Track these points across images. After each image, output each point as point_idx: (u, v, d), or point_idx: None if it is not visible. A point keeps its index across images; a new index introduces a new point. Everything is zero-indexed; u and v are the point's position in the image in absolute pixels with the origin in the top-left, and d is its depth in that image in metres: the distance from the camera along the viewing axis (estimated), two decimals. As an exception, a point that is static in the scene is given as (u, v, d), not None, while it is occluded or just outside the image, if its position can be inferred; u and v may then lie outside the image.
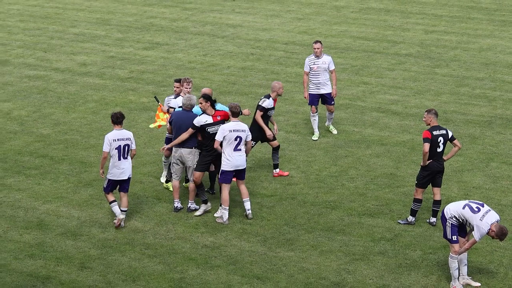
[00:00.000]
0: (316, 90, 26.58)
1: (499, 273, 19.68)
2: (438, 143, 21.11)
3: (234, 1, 45.74)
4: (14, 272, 19.76)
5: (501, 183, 24.47)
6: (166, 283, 19.32)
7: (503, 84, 32.40)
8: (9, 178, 24.82)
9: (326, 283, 19.32)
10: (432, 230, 21.28)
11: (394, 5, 44.94)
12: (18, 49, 37.40)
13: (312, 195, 23.79)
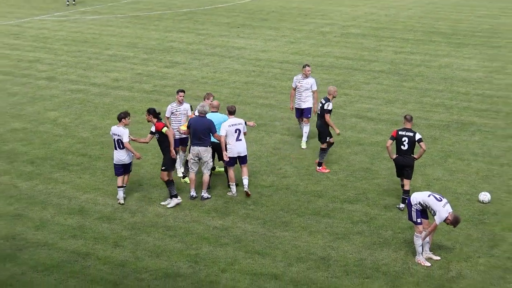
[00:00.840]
0: (298, 105, 26.57)
1: (455, 248, 19.75)
2: (403, 142, 21.39)
3: (239, 28, 45.73)
4: (60, 249, 19.86)
5: (457, 175, 24.51)
6: (184, 258, 19.40)
7: (458, 95, 32.43)
8: (55, 173, 24.86)
9: (314, 257, 19.43)
10: (401, 214, 21.33)
11: (369, 30, 44.94)
12: (62, 67, 37.40)
13: (302, 186, 23.83)
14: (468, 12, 50.27)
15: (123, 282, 18.33)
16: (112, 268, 18.96)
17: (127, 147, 22.09)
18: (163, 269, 18.92)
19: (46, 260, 19.29)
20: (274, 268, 18.92)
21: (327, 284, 18.25)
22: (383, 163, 25.48)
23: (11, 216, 21.80)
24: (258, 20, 48.08)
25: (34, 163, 25.72)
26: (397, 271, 18.79)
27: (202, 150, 22.47)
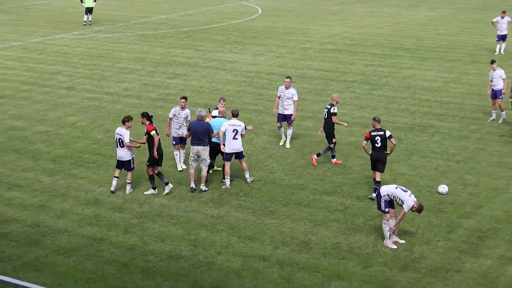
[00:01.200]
0: (281, 111, 26.48)
1: (418, 233, 19.79)
2: (376, 140, 21.69)
3: (232, 44, 45.71)
4: (78, 235, 19.89)
5: (419, 171, 24.54)
6: (185, 242, 19.44)
7: (420, 102, 32.46)
8: (74, 169, 24.82)
9: (297, 241, 19.46)
10: (371, 204, 21.35)
11: (344, 46, 44.93)
12: (80, 78, 37.33)
13: (286, 180, 23.83)
14: (429, 31, 50.30)
15: (132, 263, 18.34)
16: (123, 251, 18.99)
17: (128, 145, 22.23)
18: (167, 252, 18.94)
19: (66, 245, 19.33)
20: (262, 251, 18.95)
21: (308, 264, 18.26)
22: (356, 160, 25.51)
23: (36, 207, 21.82)
24: (248, 37, 48.06)
25: (55, 161, 25.68)
26: (368, 253, 18.83)
27: (201, 149, 22.58)
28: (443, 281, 17.48)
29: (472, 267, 18.11)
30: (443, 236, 19.77)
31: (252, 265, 18.24)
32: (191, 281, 17.50)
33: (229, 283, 17.40)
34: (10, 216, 21.20)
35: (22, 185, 23.53)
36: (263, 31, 50.53)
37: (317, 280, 17.55)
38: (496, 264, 18.25)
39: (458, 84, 35.74)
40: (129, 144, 22.28)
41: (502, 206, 21.74)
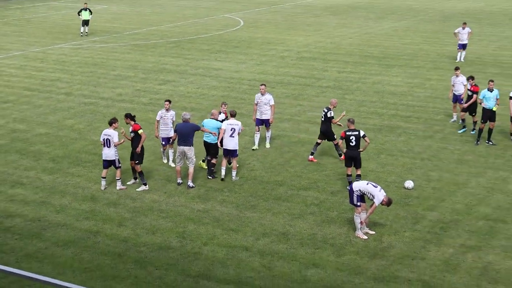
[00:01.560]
0: (259, 116, 26.35)
1: (387, 225, 19.82)
2: (351, 140, 21.89)
3: (216, 53, 45.65)
4: (76, 228, 19.82)
5: (387, 168, 24.60)
6: (174, 234, 19.39)
7: (388, 105, 32.54)
8: (72, 168, 24.70)
9: (276, 233, 19.44)
10: (344, 198, 21.33)
11: (318, 55, 44.96)
12: (77, 85, 37.16)
13: (266, 177, 23.81)
14: (395, 41, 50.46)
15: (126, 254, 18.27)
16: (117, 243, 18.91)
17: (116, 144, 22.29)
18: (157, 243, 18.88)
19: (65, 237, 19.24)
20: (245, 242, 18.92)
21: (287, 253, 18.25)
22: (330, 159, 25.53)
23: (37, 202, 21.70)
24: (231, 47, 48.01)
25: (55, 161, 25.53)
26: (341, 243, 18.84)
27: (187, 149, 22.66)
28: (409, 268, 17.51)
29: (436, 255, 18.16)
30: (409, 227, 19.82)
31: (235, 255, 18.21)
32: (179, 270, 17.45)
33: (215, 271, 17.36)
34: (13, 211, 21.08)
35: (24, 183, 23.39)
36: (245, 41, 50.50)
37: (295, 268, 17.54)
38: (457, 252, 18.32)
39: (422, 89, 35.86)
40: (118, 143, 22.33)
41: (463, 200, 21.83)
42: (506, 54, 45.10)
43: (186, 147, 22.66)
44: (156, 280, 16.97)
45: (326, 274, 17.21)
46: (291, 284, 16.79)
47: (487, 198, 21.95)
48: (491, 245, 18.76)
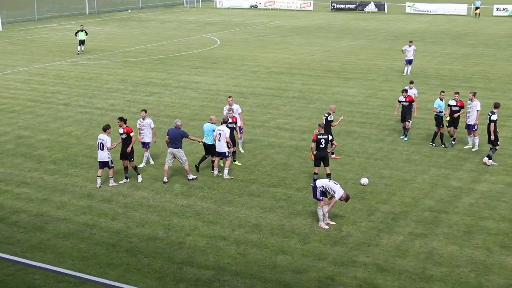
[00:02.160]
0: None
1: (345, 216, 19.87)
2: (321, 142, 21.90)
3: (196, 68, 45.54)
4: (74, 222, 19.71)
5: (345, 167, 24.67)
6: (160, 226, 19.32)
7: (345, 112, 32.53)
8: (71, 169, 24.52)
9: (250, 224, 19.44)
10: (308, 194, 21.33)
11: (285, 69, 45.04)
12: (75, 96, 36.92)
13: (241, 176, 23.77)
14: (351, 57, 50.67)
15: (118, 244, 18.18)
16: (111, 235, 18.82)
17: (109, 148, 22.21)
18: (146, 234, 18.80)
19: (65, 230, 19.11)
20: (222, 232, 18.89)
21: (259, 242, 18.24)
22: (296, 159, 25.56)
23: (40, 200, 21.53)
24: (209, 63, 47.93)
25: (55, 163, 25.33)
26: (306, 232, 18.87)
27: (176, 151, 22.76)
28: (365, 253, 17.58)
29: (388, 242, 18.25)
30: (364, 218, 19.90)
31: (214, 244, 18.17)
32: (165, 258, 17.38)
33: (196, 259, 17.31)
34: (19, 207, 20.90)
35: (29, 183, 23.20)
36: (221, 58, 50.46)
37: (266, 254, 17.54)
38: (406, 239, 18.42)
39: (375, 99, 36.04)
40: (110, 147, 22.28)
41: (410, 194, 21.95)
42: (447, 68, 45.47)
43: (175, 149, 22.78)
44: (145, 267, 16.90)
45: (293, 260, 17.23)
46: (263, 269, 16.79)
47: (431, 192, 22.11)
48: (435, 233, 18.90)
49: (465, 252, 17.65)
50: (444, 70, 44.52)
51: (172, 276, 16.43)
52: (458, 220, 19.78)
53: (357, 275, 16.41)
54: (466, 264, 17.00)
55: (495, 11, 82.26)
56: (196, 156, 25.37)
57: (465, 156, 25.82)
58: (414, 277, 16.34)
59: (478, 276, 16.37)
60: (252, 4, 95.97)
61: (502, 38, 60.86)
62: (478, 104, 26.28)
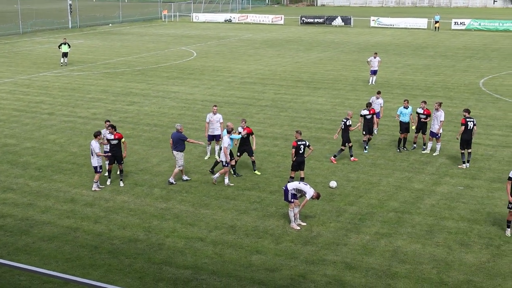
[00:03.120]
0: (211, 132, 25.90)
1: (315, 217, 19.94)
2: (300, 148, 21.93)
3: (174, 79, 45.44)
4: (58, 226, 19.55)
5: (315, 171, 24.75)
6: (141, 229, 19.22)
7: (315, 120, 32.78)
8: (55, 175, 24.31)
9: (226, 226, 19.41)
10: (280, 196, 21.33)
11: (258, 80, 45.14)
12: (59, 106, 36.64)
13: (217, 180, 23.71)
14: (320, 68, 50.93)
15: (101, 246, 18.04)
16: (94, 237, 18.66)
17: (99, 155, 22.24)
18: (127, 236, 18.69)
19: (49, 233, 18.93)
20: (200, 234, 18.84)
21: (235, 242, 18.22)
22: (269, 164, 25.59)
23: (25, 204, 21.30)
24: (186, 74, 47.86)
25: (40, 169, 25.09)
26: (279, 233, 18.89)
27: (175, 153, 23.05)
28: (334, 252, 17.64)
29: (355, 241, 18.33)
30: (333, 219, 19.97)
31: (192, 245, 18.11)
32: (146, 258, 17.29)
33: (175, 259, 17.24)
34: (5, 212, 20.65)
35: (14, 188, 22.94)
36: (198, 69, 50.42)
37: (241, 254, 17.52)
38: (372, 239, 18.52)
39: (342, 107, 36.23)
40: (100, 154, 22.34)
41: (376, 196, 22.09)
42: (408, 78, 45.88)
43: (175, 152, 23.02)
44: (127, 267, 16.79)
45: (267, 259, 17.23)
46: (239, 268, 16.77)
47: (396, 195, 22.26)
48: (400, 232, 19.03)
49: (427, 250, 17.81)
50: (407, 80, 44.92)
51: (152, 276, 16.34)
52: (421, 220, 19.95)
53: (327, 273, 16.46)
54: (429, 261, 17.15)
55: (453, 25, 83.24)
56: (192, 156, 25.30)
57: (427, 160, 26.06)
58: (380, 274, 16.43)
59: (439, 272, 16.52)
60: (226, 18, 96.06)
61: (459, 50, 61.61)
62: (443, 115, 26.59)
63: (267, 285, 15.86)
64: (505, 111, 34.78)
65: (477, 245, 18.09)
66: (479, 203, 21.39)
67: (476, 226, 19.46)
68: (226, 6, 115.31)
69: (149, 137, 29.83)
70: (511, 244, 18.16)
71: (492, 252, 17.65)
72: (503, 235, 18.72)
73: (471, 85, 42.77)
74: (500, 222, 19.65)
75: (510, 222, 18.82)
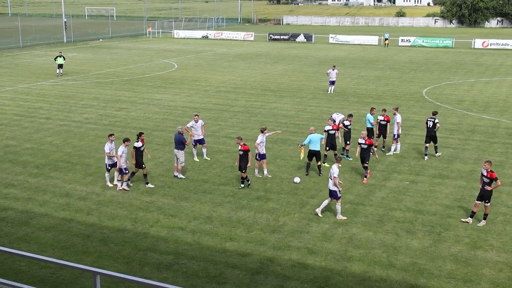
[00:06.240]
0: (196, 138, 25.73)
1: (281, 209, 19.83)
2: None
3: (158, 88, 45.16)
4: (55, 217, 19.31)
5: (281, 168, 24.70)
6: (128, 220, 19.07)
7: (281, 124, 32.82)
8: (51, 173, 23.99)
9: (203, 217, 19.35)
10: (251, 190, 21.32)
11: (231, 89, 45.11)
12: (55, 111, 36.16)
13: (195, 176, 23.65)
14: (285, 78, 51.03)
15: (93, 235, 17.85)
16: (86, 227, 18.46)
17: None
18: (116, 226, 18.52)
19: (46, 224, 18.67)
20: (181, 224, 18.74)
21: (211, 231, 18.17)
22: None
23: (25, 199, 20.99)
24: (168, 83, 47.59)
25: (38, 167, 24.73)
26: (250, 222, 18.88)
27: (176, 152, 23.03)
28: (298, 239, 17.68)
29: (316, 229, 18.40)
30: (297, 210, 20.02)
31: (174, 233, 18.01)
32: (132, 245, 17.14)
33: (159, 246, 17.13)
34: (6, 205, 20.33)
35: (15, 184, 22.59)
36: (178, 79, 50.17)
37: (217, 241, 17.47)
38: (331, 227, 18.61)
39: (305, 113, 36.37)
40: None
41: (334, 190, 22.19)
42: (362, 88, 46.22)
43: (176, 150, 23.02)
44: (115, 254, 16.62)
45: (239, 245, 17.20)
46: (214, 253, 16.72)
47: (351, 188, 22.39)
48: (355, 221, 19.15)
49: (378, 237, 17.95)
50: (360, 90, 45.25)
51: (138, 261, 16.21)
52: (373, 211, 20.10)
53: (292, 257, 16.49)
54: (379, 246, 17.29)
55: (400, 41, 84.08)
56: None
57: (378, 159, 26.25)
58: (338, 258, 16.52)
59: (389, 256, 16.66)
60: (203, 35, 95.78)
61: (405, 64, 62.27)
62: (399, 117, 26.90)
63: (240, 268, 15.84)
64: (445, 116, 35.25)
65: (421, 232, 18.31)
66: (422, 196, 21.64)
67: (420, 215, 19.68)
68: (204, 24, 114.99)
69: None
70: (449, 231, 18.41)
71: (434, 238, 17.87)
72: (443, 223, 18.97)
73: (416, 94, 43.26)
74: (441, 212, 19.91)
75: (475, 213, 19.09)
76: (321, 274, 15.48)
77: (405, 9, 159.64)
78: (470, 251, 16.99)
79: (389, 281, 15.19)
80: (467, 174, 24.14)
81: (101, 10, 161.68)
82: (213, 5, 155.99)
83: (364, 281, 15.18)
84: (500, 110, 37.30)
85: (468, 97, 42.14)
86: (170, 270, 15.69)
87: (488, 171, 18.41)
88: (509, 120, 34.53)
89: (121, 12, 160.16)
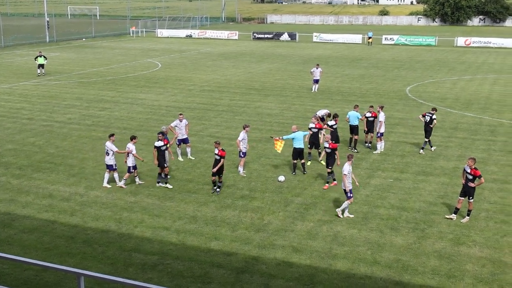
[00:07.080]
0: (180, 137, 25.70)
1: (266, 208, 19.87)
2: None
3: (141, 87, 45.01)
4: (38, 219, 19.16)
5: (266, 167, 24.74)
6: (112, 220, 19.00)
7: (265, 123, 32.90)
8: (34, 174, 23.79)
9: (188, 216, 19.34)
10: (236, 189, 21.33)
11: (215, 88, 45.06)
12: (38, 112, 35.87)
13: (180, 176, 23.62)
14: (270, 77, 51.10)
15: (76, 236, 17.74)
16: (70, 228, 18.34)
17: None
18: (100, 227, 18.42)
19: (29, 226, 18.52)
20: (165, 224, 18.71)
21: (196, 231, 18.15)
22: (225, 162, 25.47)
23: (7, 200, 20.80)
24: (152, 83, 47.44)
25: (21, 169, 24.52)
26: (235, 221, 18.89)
27: None
28: (283, 237, 17.72)
29: (301, 228, 18.46)
30: (282, 208, 20.07)
31: (158, 234, 17.96)
32: (117, 246, 17.06)
33: (144, 246, 17.07)
34: (-11, 207, 20.14)
35: (-3, 186, 22.42)
36: (162, 78, 50.03)
37: (202, 241, 17.45)
38: (316, 225, 18.68)
39: (289, 111, 36.44)
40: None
41: (318, 188, 22.28)
42: (346, 86, 46.42)
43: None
44: (100, 255, 16.54)
45: (224, 245, 17.20)
46: (200, 253, 16.70)
47: (335, 187, 22.48)
48: (339, 219, 19.23)
49: (363, 234, 18.05)
50: (344, 88, 45.44)
51: (123, 262, 16.14)
52: (357, 208, 20.20)
53: (276, 256, 16.53)
54: (364, 243, 17.38)
55: (384, 40, 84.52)
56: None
57: (362, 157, 26.40)
58: (322, 255, 16.58)
59: (373, 253, 16.76)
60: (187, 34, 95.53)
61: (389, 62, 62.63)
62: (382, 115, 27.04)
63: (225, 267, 15.84)
64: (428, 114, 35.53)
65: (405, 229, 18.43)
66: (406, 193, 21.79)
67: (404, 213, 19.82)
68: (187, 23, 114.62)
69: (119, 139, 29.29)
70: (433, 228, 18.56)
71: (418, 235, 18.01)
72: (427, 220, 19.12)
73: (399, 92, 43.53)
74: (425, 209, 20.07)
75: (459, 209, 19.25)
76: (306, 272, 15.53)
77: (389, 7, 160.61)
78: (454, 247, 17.15)
79: (373, 278, 15.29)
80: (450, 171, 24.35)
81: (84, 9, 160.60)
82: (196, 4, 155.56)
83: (349, 278, 15.26)
84: (482, 108, 37.67)
85: (450, 94, 42.51)
86: (155, 271, 15.64)
87: (472, 168, 18.58)
88: (491, 117, 34.89)
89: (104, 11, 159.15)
